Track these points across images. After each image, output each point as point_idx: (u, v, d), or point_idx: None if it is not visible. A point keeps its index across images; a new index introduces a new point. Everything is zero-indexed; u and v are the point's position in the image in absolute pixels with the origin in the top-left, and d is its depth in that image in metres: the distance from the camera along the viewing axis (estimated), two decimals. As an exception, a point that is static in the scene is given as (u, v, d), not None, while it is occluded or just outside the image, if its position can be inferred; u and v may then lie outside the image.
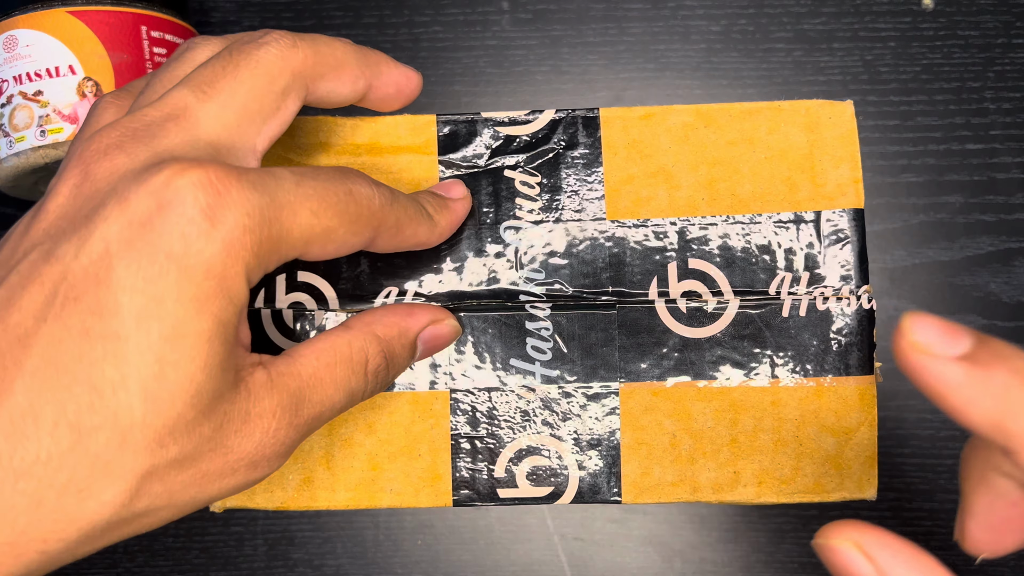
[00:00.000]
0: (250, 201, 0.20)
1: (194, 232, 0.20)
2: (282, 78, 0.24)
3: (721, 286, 0.28)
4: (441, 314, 0.27)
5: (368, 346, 0.25)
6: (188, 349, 0.20)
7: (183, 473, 0.21)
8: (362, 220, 0.23)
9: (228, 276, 0.20)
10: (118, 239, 0.20)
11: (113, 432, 0.19)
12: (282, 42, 0.24)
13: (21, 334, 0.20)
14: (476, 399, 0.28)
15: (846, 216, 0.28)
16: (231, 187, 0.20)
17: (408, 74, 0.27)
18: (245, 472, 0.22)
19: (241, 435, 0.22)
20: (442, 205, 0.27)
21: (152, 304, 0.20)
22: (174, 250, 0.20)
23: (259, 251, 0.21)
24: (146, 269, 0.20)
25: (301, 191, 0.22)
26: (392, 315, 0.26)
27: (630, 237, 0.29)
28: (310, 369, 0.23)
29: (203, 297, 0.20)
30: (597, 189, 0.29)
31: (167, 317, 0.20)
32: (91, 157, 0.22)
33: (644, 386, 0.28)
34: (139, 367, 0.19)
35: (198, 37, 0.26)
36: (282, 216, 0.21)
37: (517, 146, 0.29)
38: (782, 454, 0.28)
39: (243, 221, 0.20)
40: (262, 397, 0.22)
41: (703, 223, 0.29)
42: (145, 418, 0.20)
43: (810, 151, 0.29)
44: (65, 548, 0.20)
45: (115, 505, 0.20)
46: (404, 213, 0.25)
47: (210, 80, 0.23)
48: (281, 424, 0.22)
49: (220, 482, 0.22)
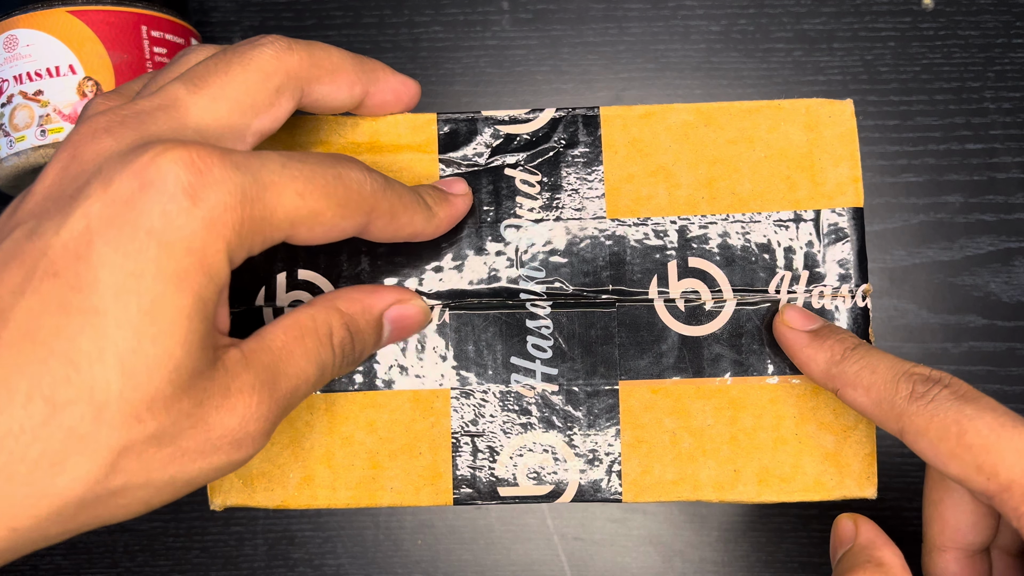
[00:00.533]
0: (232, 180, 0.21)
1: (175, 209, 0.20)
2: (276, 76, 0.24)
3: (721, 285, 0.28)
4: (407, 295, 0.27)
5: (331, 319, 0.25)
6: (167, 324, 0.20)
7: (161, 450, 0.21)
8: (352, 204, 0.23)
9: (208, 253, 0.20)
10: (99, 216, 0.20)
11: (88, 406, 0.19)
12: (278, 44, 0.24)
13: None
14: (477, 397, 0.28)
15: (845, 215, 0.28)
16: (213, 166, 0.20)
17: (406, 82, 0.28)
18: (228, 451, 0.22)
19: (222, 411, 0.21)
20: (441, 198, 0.27)
21: (131, 279, 0.20)
22: (154, 227, 0.20)
23: (241, 230, 0.21)
24: (126, 245, 0.20)
25: (287, 172, 0.22)
26: (355, 291, 0.26)
27: (630, 236, 0.29)
28: (279, 343, 0.23)
29: (183, 273, 0.20)
30: (597, 188, 0.29)
31: (146, 292, 0.20)
32: (80, 140, 0.22)
33: (644, 384, 0.28)
34: (116, 341, 0.19)
35: (197, 44, 0.26)
36: (266, 196, 0.21)
37: (517, 144, 0.29)
38: (782, 452, 0.28)
39: (224, 199, 0.20)
40: (239, 373, 0.22)
41: (703, 222, 0.29)
42: (122, 392, 0.20)
43: (810, 150, 0.29)
44: (36, 525, 0.20)
45: (89, 481, 0.20)
46: (399, 200, 0.25)
47: (203, 75, 0.23)
48: (263, 398, 0.22)
49: (201, 461, 0.22)
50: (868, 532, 0.26)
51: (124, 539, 0.38)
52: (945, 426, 0.24)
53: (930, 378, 0.25)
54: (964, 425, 0.23)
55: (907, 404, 0.24)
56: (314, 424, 0.28)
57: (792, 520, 0.38)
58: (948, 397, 0.24)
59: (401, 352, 0.28)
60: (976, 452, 0.23)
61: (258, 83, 0.24)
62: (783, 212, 0.29)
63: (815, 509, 0.38)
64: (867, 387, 0.25)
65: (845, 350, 0.26)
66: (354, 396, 0.28)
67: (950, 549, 0.27)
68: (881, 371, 0.25)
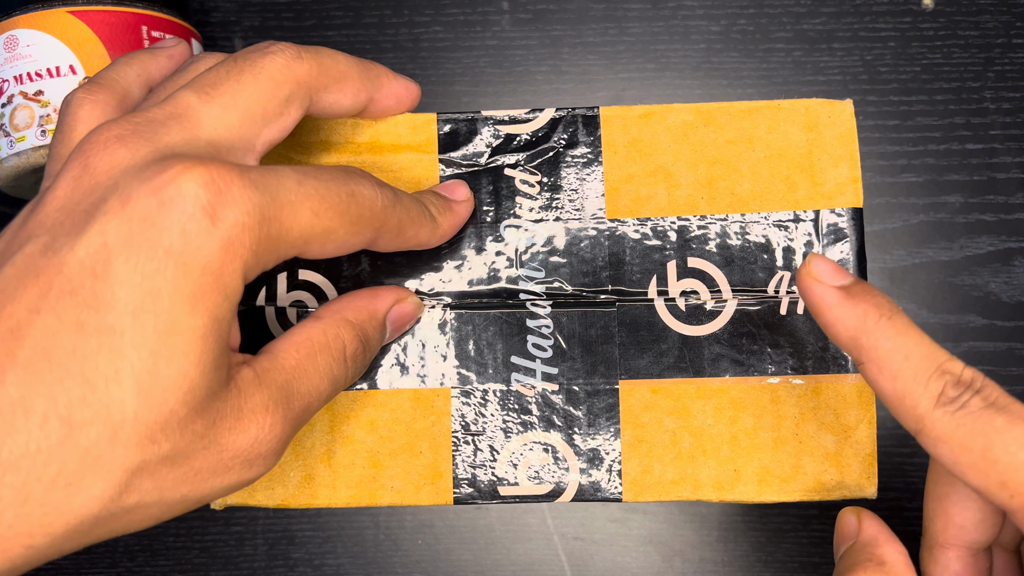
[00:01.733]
0: (251, 200, 0.20)
1: (194, 229, 0.20)
2: (286, 86, 0.24)
3: (720, 284, 0.28)
4: (404, 293, 0.28)
5: (343, 332, 0.25)
6: (183, 344, 0.20)
7: (175, 470, 0.21)
8: (363, 221, 0.23)
9: (225, 273, 0.20)
10: (117, 234, 0.20)
11: (104, 426, 0.19)
12: (288, 52, 0.24)
13: (14, 325, 0.20)
14: (477, 396, 0.28)
15: (845, 215, 0.28)
16: (233, 185, 0.20)
17: (408, 86, 0.28)
18: (240, 470, 0.22)
19: (235, 432, 0.21)
20: (445, 207, 0.27)
21: (148, 299, 0.19)
22: (173, 246, 0.20)
23: (258, 249, 0.21)
24: (144, 264, 0.20)
25: (303, 190, 0.22)
26: (359, 299, 0.26)
27: (629, 235, 0.29)
28: (292, 361, 0.23)
29: (199, 293, 0.20)
30: (597, 188, 0.29)
31: (163, 312, 0.20)
32: (91, 150, 0.22)
33: (644, 384, 0.28)
34: (133, 361, 0.19)
35: (204, 52, 0.26)
36: (282, 216, 0.21)
37: (517, 144, 0.29)
38: (782, 452, 0.28)
39: (243, 219, 0.20)
40: (252, 394, 0.22)
41: (702, 222, 0.29)
42: (137, 413, 0.20)
43: (809, 150, 0.29)
44: (51, 543, 0.20)
45: (104, 500, 0.20)
46: (407, 215, 0.25)
47: (214, 83, 0.23)
48: (276, 418, 0.22)
49: (213, 480, 0.22)
50: (871, 528, 0.25)
51: (124, 539, 0.38)
52: (971, 437, 0.22)
53: (961, 381, 0.23)
54: (992, 439, 0.22)
55: (932, 408, 0.23)
56: (314, 423, 0.28)
57: (792, 520, 0.38)
58: (978, 405, 0.22)
59: (402, 351, 0.28)
60: (1002, 468, 0.22)
61: (269, 92, 0.24)
62: (782, 212, 0.29)
63: (815, 509, 0.38)
64: (894, 374, 0.23)
65: (881, 318, 0.24)
66: (355, 395, 0.28)
67: (953, 547, 0.26)
68: (914, 360, 0.23)
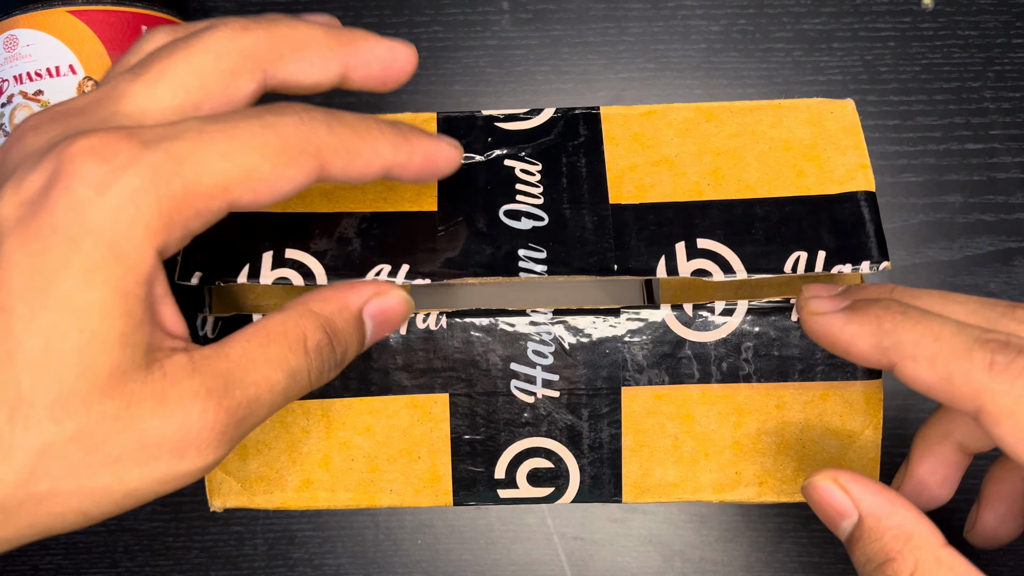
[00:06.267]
0: (140, 160, 0.20)
1: (79, 202, 0.19)
2: (228, 57, 0.23)
3: (733, 265, 0.27)
4: (385, 287, 0.25)
5: (304, 322, 0.23)
6: (75, 320, 0.19)
7: (88, 454, 0.20)
8: (291, 149, 0.21)
9: (122, 243, 0.20)
10: (9, 218, 0.20)
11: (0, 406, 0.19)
12: (231, 25, 0.23)
13: None
14: (476, 402, 0.28)
15: (859, 198, 0.28)
16: (120, 150, 0.20)
17: (394, 47, 0.25)
18: (169, 460, 0.21)
19: (157, 417, 0.20)
20: (410, 127, 0.24)
21: (38, 277, 0.19)
22: (60, 223, 0.19)
23: (162, 211, 0.20)
24: (31, 244, 0.19)
25: (205, 136, 0.21)
26: (330, 290, 0.25)
27: (635, 218, 0.28)
28: (239, 350, 0.22)
29: (93, 267, 0.19)
30: (600, 175, 0.28)
31: (53, 289, 0.19)
32: (9, 143, 0.22)
33: (647, 390, 0.28)
34: (23, 340, 0.19)
35: (152, 29, 0.25)
36: (183, 169, 0.20)
37: (517, 139, 0.29)
38: (785, 456, 0.28)
39: (133, 183, 0.19)
40: (181, 379, 0.21)
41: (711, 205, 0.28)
42: (33, 392, 0.19)
43: (814, 142, 0.28)
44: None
45: (8, 484, 0.19)
46: (351, 132, 0.23)
47: (146, 63, 0.22)
48: (208, 405, 0.21)
49: (138, 469, 0.20)
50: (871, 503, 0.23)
51: (124, 539, 0.38)
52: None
53: (1009, 344, 0.21)
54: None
55: (988, 379, 0.20)
56: (310, 430, 0.28)
57: (792, 520, 0.38)
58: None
59: (397, 357, 0.28)
60: None
61: (206, 65, 0.22)
62: (794, 196, 0.28)
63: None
64: (931, 358, 0.21)
65: (894, 315, 0.22)
66: (351, 402, 0.28)
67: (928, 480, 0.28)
68: (947, 338, 0.21)
